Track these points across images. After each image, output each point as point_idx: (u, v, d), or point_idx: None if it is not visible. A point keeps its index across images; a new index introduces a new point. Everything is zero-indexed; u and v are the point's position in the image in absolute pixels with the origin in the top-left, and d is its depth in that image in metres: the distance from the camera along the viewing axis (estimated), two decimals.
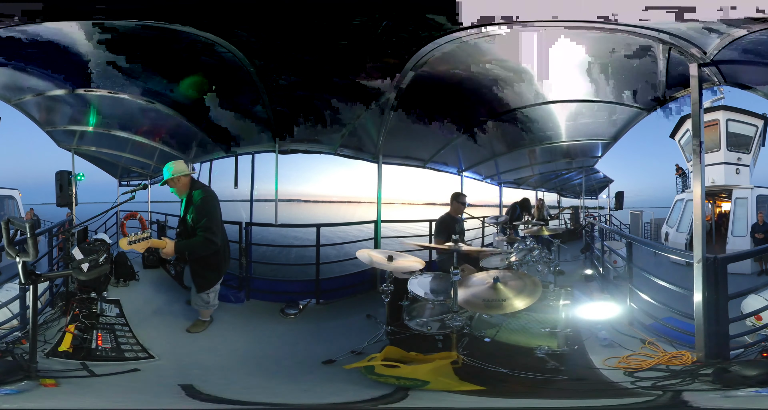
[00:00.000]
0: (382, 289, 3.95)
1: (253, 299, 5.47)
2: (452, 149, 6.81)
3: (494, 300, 3.33)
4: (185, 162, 3.87)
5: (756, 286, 3.78)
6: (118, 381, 3.19)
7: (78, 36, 3.79)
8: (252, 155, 6.31)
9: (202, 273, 3.94)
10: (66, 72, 4.51)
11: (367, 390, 3.10)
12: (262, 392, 3.20)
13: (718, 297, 3.26)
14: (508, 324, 3.75)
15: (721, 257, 3.31)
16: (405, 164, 6.85)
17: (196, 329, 4.22)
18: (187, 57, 4.28)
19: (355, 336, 4.04)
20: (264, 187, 6.15)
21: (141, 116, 5.85)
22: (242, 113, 5.63)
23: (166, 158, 7.23)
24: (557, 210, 8.55)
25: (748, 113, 9.10)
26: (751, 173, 9.12)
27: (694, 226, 3.63)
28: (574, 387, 3.13)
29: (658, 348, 3.60)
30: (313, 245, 5.73)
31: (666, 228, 9.77)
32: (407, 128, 5.80)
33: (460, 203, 5.31)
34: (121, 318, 4.21)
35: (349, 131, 5.69)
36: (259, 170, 6.23)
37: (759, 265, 7.88)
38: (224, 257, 3.99)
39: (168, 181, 3.82)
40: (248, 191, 6.28)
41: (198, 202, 3.72)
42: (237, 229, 5.69)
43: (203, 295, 4.01)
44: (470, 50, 3.92)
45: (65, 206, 5.92)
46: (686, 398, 2.84)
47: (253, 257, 5.74)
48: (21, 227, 2.86)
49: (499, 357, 3.37)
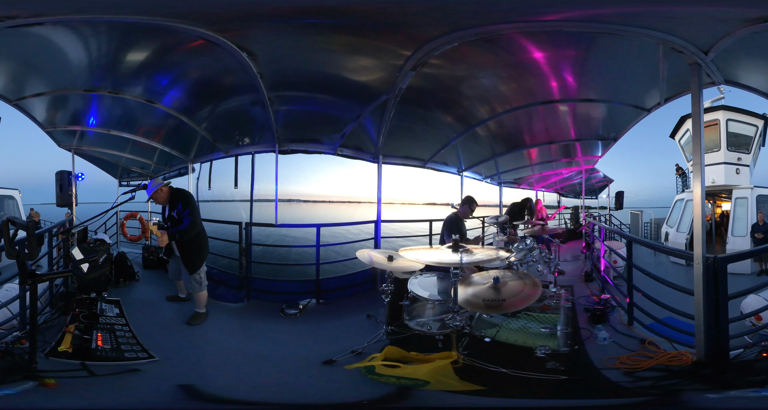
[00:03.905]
0: (382, 289, 3.95)
1: (253, 299, 5.48)
2: (452, 149, 6.82)
3: (494, 300, 3.33)
4: (161, 179, 4.64)
5: (756, 286, 3.77)
6: (118, 381, 3.19)
7: (78, 35, 3.79)
8: (252, 155, 6.32)
9: (191, 256, 4.46)
10: (66, 72, 4.50)
11: (367, 390, 3.10)
12: (262, 392, 3.20)
13: (718, 297, 3.26)
14: (508, 324, 3.76)
15: (721, 257, 3.31)
16: (405, 164, 6.86)
17: (196, 321, 4.45)
18: (188, 56, 4.28)
19: (355, 336, 4.04)
20: (264, 187, 6.16)
21: (141, 116, 5.85)
22: (242, 113, 5.63)
23: (166, 158, 7.26)
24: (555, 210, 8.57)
25: (748, 113, 9.11)
26: (751, 173, 9.13)
27: (694, 226, 3.63)
28: (574, 387, 3.13)
29: (658, 348, 3.60)
30: (313, 245, 5.73)
31: (666, 228, 9.78)
32: (407, 128, 5.80)
33: (472, 209, 5.50)
34: (121, 318, 4.21)
35: (349, 131, 5.68)
36: (259, 170, 6.24)
37: (759, 265, 7.90)
38: (205, 242, 4.62)
39: (153, 195, 4.44)
40: (248, 191, 6.29)
41: (181, 198, 4.46)
42: (237, 229, 5.70)
43: (195, 276, 4.47)
44: (470, 50, 3.92)
45: (65, 206, 5.92)
46: (686, 398, 2.85)
47: (253, 257, 5.74)
48: (23, 227, 2.87)
49: (499, 357, 3.37)
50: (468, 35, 3.53)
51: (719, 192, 9.61)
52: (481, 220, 7.55)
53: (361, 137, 5.93)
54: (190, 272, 4.44)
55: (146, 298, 5.19)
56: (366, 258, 4.01)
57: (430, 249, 4.06)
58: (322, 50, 4.04)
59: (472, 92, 5.06)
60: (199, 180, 6.83)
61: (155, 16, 3.40)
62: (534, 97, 5.09)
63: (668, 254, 7.52)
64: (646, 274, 4.32)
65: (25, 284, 3.00)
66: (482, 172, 8.18)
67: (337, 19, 3.55)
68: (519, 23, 3.42)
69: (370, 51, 4.03)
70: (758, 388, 2.84)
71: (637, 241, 4.98)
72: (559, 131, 6.29)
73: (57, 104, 5.40)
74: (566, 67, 4.40)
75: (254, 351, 3.94)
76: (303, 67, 4.41)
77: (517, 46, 3.91)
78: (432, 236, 6.68)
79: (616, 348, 3.71)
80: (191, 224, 4.36)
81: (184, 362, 3.60)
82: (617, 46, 3.75)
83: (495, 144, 6.96)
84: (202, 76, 4.76)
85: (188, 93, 5.21)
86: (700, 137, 3.42)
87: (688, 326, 3.47)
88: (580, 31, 3.47)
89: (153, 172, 7.72)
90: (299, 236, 6.32)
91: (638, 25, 3.24)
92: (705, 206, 5.54)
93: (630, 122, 5.63)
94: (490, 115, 5.60)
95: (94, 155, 7.25)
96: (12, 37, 3.53)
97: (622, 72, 4.39)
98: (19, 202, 10.08)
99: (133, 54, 4.22)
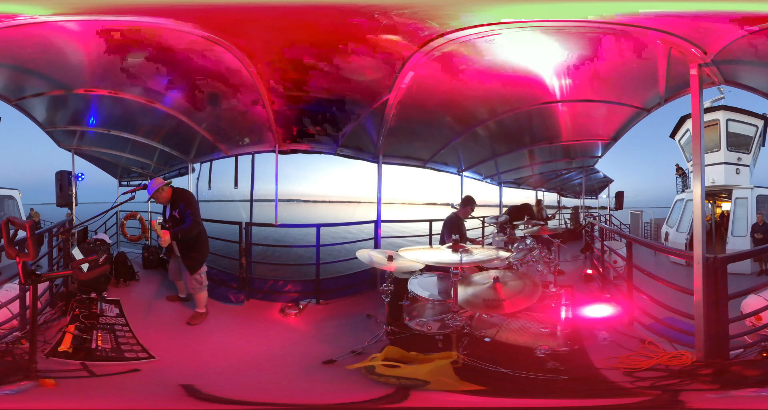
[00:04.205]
0: (382, 289, 3.95)
1: (253, 299, 5.48)
2: (452, 149, 6.81)
3: (494, 300, 3.33)
4: (162, 178, 4.60)
5: (756, 286, 3.77)
6: (118, 381, 3.19)
7: (78, 35, 3.79)
8: (252, 155, 6.31)
9: (192, 256, 4.47)
10: (66, 72, 4.50)
11: (367, 390, 3.10)
12: (262, 392, 3.20)
13: (718, 297, 3.26)
14: (508, 324, 3.76)
15: (721, 257, 3.31)
16: (405, 164, 6.85)
17: (196, 321, 4.48)
18: (187, 56, 4.28)
19: (355, 336, 4.04)
20: (264, 187, 6.16)
21: (141, 116, 5.84)
22: (242, 113, 5.62)
23: (166, 158, 7.25)
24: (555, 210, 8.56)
25: (748, 113, 9.09)
26: (751, 173, 9.11)
27: (694, 226, 3.63)
28: (574, 387, 3.13)
29: (658, 348, 3.59)
30: (313, 245, 5.72)
31: (666, 228, 9.76)
32: (407, 128, 5.80)
33: (471, 209, 5.53)
34: (121, 318, 4.21)
35: (349, 131, 5.68)
36: (259, 170, 6.24)
37: (759, 265, 7.88)
38: (205, 242, 4.66)
39: (154, 194, 4.44)
40: (248, 191, 6.28)
41: (182, 198, 4.49)
42: (237, 229, 5.70)
43: (196, 276, 4.48)
44: (470, 50, 3.92)
45: (65, 206, 5.92)
46: (685, 398, 2.84)
47: (253, 257, 5.74)
48: (22, 227, 2.87)
49: (499, 357, 3.37)
50: (467, 36, 3.54)
51: (719, 192, 9.59)
52: (481, 220, 7.54)
53: (361, 137, 5.92)
54: (191, 272, 4.45)
55: (146, 298, 5.19)
56: (366, 258, 4.01)
57: (430, 249, 4.07)
58: (321, 50, 4.05)
59: (472, 92, 5.06)
60: (199, 180, 6.83)
61: (155, 16, 3.40)
62: (534, 97, 5.10)
63: (668, 254, 7.51)
64: (646, 274, 4.32)
65: (25, 284, 3.00)
66: (482, 172, 8.17)
67: (337, 19, 3.55)
68: (519, 23, 3.42)
69: (370, 51, 4.03)
70: (758, 388, 2.84)
71: (637, 241, 4.98)
72: (559, 131, 6.29)
73: (57, 104, 5.40)
74: (566, 67, 4.40)
75: (254, 351, 3.94)
76: (303, 67, 4.41)
77: (517, 46, 3.91)
78: (432, 236, 6.67)
79: (616, 348, 3.71)
80: (193, 223, 4.38)
81: (184, 362, 3.60)
82: (617, 46, 3.75)
83: (495, 144, 6.96)
84: (202, 76, 4.76)
85: (188, 93, 5.21)
86: (700, 137, 3.42)
87: (688, 326, 3.47)
88: (580, 31, 3.47)
89: (153, 172, 7.71)
90: (299, 236, 6.31)
91: (638, 25, 3.24)
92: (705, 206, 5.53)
93: (630, 122, 5.64)
94: (490, 115, 5.60)
95: (94, 155, 7.24)
96: (12, 37, 3.53)
97: (622, 72, 4.39)
98: (19, 202, 10.06)
99: (133, 54, 4.22)
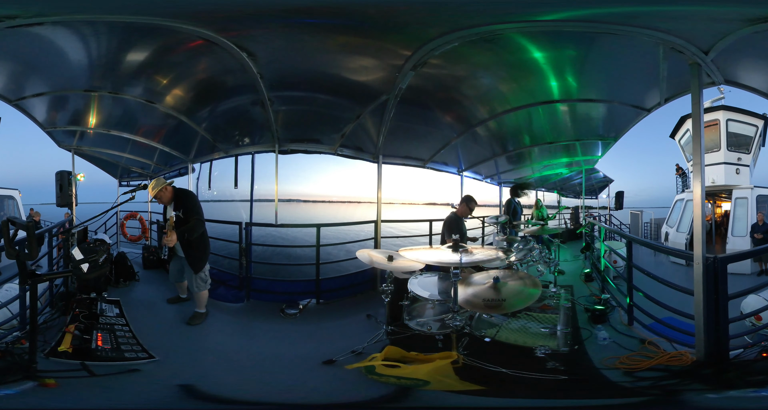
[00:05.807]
0: (382, 289, 3.95)
1: (253, 299, 5.48)
2: (452, 149, 6.81)
3: (494, 300, 3.33)
4: (163, 178, 4.57)
5: (756, 286, 3.77)
6: (118, 381, 3.19)
7: (78, 35, 3.79)
8: (252, 155, 6.32)
9: (196, 255, 4.47)
10: (66, 72, 4.50)
11: (367, 390, 3.10)
12: (262, 392, 3.19)
13: (718, 297, 3.25)
14: (508, 324, 3.75)
15: (721, 257, 3.31)
16: (405, 164, 6.85)
17: (196, 321, 4.47)
18: (188, 56, 4.28)
19: (355, 336, 4.04)
20: (264, 187, 6.16)
21: (141, 116, 5.85)
22: (242, 113, 5.62)
23: (166, 158, 7.26)
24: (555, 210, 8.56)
25: (748, 113, 9.10)
26: (751, 173, 9.13)
27: (694, 226, 3.63)
28: (574, 387, 3.13)
29: (658, 348, 3.60)
30: (313, 245, 5.73)
31: (666, 228, 9.77)
32: (407, 128, 5.80)
33: (471, 208, 5.43)
34: (121, 318, 4.21)
35: (349, 131, 5.68)
36: (259, 170, 6.25)
37: (759, 265, 7.89)
38: (207, 242, 4.65)
39: (157, 194, 4.40)
40: (248, 191, 6.29)
41: (186, 198, 4.48)
42: (237, 229, 5.70)
43: (201, 274, 4.49)
44: (470, 50, 3.92)
45: (65, 206, 5.92)
46: (685, 398, 2.84)
47: (253, 257, 5.74)
48: (23, 227, 2.87)
49: (499, 357, 3.37)
50: (468, 35, 3.54)
51: (719, 192, 9.61)
52: (481, 220, 7.54)
53: (361, 137, 5.93)
54: (195, 271, 4.46)
55: (146, 298, 5.19)
56: (366, 258, 4.01)
57: (430, 249, 4.06)
58: (321, 50, 4.04)
59: (472, 92, 5.06)
60: (199, 180, 6.84)
61: (155, 16, 3.40)
62: (534, 97, 5.09)
63: (668, 254, 7.52)
64: (646, 274, 4.32)
65: (25, 284, 3.00)
66: (482, 172, 8.18)
67: (337, 19, 3.55)
68: (519, 23, 3.42)
69: (370, 51, 4.03)
70: (758, 388, 2.84)
71: (637, 241, 4.98)
72: (559, 131, 6.29)
73: (57, 104, 5.40)
74: (566, 67, 4.40)
75: (254, 351, 3.94)
76: (303, 67, 4.41)
77: (517, 46, 3.91)
78: (432, 236, 6.68)
79: (616, 348, 3.71)
80: (199, 223, 4.39)
81: (184, 362, 3.60)
82: (617, 46, 3.75)
83: (495, 144, 6.96)
84: (202, 76, 4.76)
85: (188, 93, 5.21)
86: (700, 137, 3.42)
87: (688, 326, 3.47)
88: (580, 31, 3.47)
89: (153, 172, 7.72)
90: (299, 236, 6.31)
91: (638, 25, 3.24)
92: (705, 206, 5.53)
93: (630, 122, 5.63)
94: (490, 115, 5.60)
95: (94, 155, 7.25)
96: (12, 37, 3.53)
97: (622, 72, 4.39)
98: (19, 202, 10.09)
99: (133, 54, 4.22)
